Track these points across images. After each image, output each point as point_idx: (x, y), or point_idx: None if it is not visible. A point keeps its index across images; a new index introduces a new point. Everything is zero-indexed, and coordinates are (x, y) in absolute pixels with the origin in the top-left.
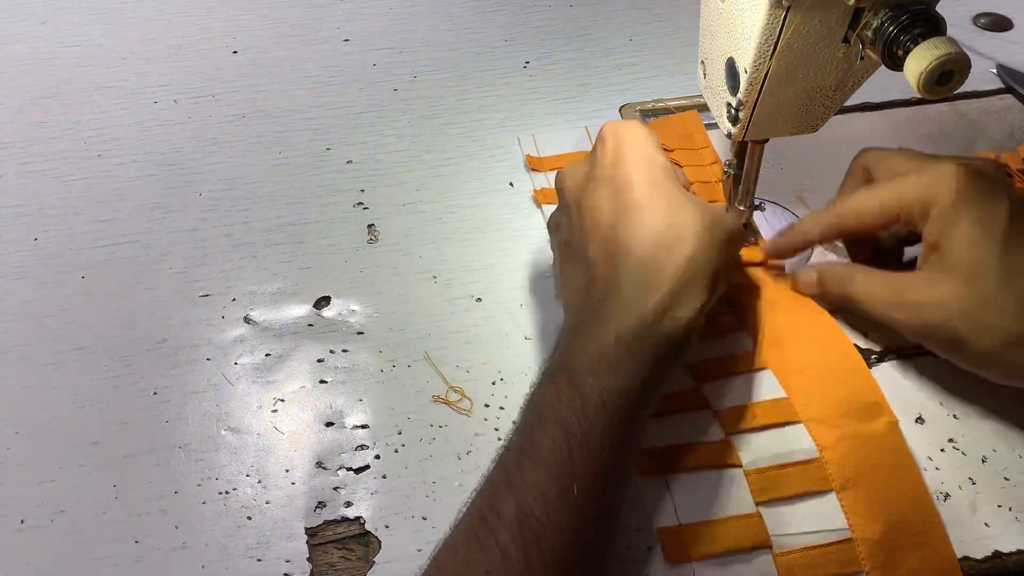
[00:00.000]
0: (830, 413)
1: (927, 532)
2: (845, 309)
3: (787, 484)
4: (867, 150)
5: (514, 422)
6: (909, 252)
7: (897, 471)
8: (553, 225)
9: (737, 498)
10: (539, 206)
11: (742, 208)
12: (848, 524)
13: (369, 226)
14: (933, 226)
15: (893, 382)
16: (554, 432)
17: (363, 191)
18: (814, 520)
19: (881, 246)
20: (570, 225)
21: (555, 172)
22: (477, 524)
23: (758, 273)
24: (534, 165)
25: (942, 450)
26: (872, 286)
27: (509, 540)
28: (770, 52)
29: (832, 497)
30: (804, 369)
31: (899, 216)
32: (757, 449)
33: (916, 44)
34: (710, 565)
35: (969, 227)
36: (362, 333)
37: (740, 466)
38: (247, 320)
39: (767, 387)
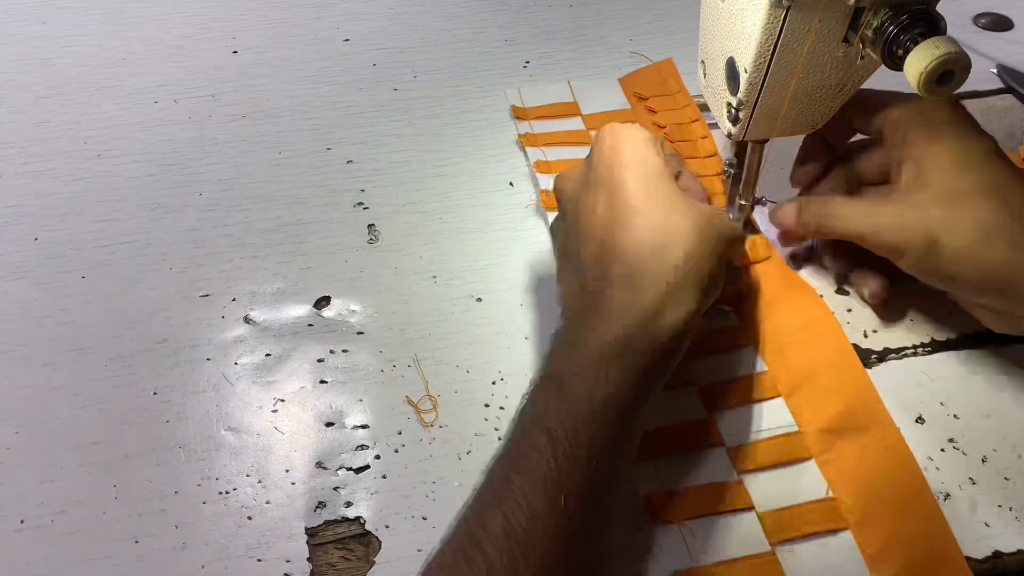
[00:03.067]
0: (778, 338)
1: (871, 416)
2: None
3: (736, 395)
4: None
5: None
6: None
7: (841, 367)
8: (553, 230)
9: (687, 407)
10: (523, 149)
11: (744, 203)
12: (795, 421)
13: (369, 226)
14: (912, 149)
15: (893, 382)
16: (541, 442)
17: (363, 191)
18: (764, 421)
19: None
20: (566, 229)
21: (538, 120)
22: (464, 539)
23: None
24: (518, 114)
25: (942, 450)
26: (853, 214)
27: (495, 553)
28: (770, 52)
29: (780, 401)
30: (763, 306)
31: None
32: (705, 367)
33: (916, 44)
34: (670, 462)
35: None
36: (362, 333)
37: (694, 383)
38: (247, 320)
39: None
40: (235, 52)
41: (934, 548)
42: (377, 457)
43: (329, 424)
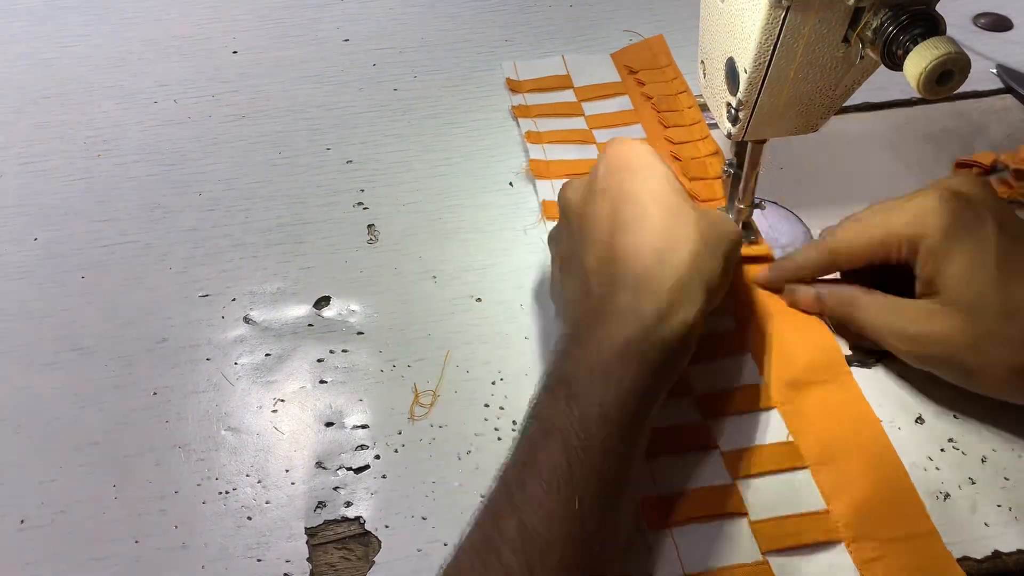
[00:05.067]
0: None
1: (833, 371)
2: None
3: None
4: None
5: (515, 432)
6: None
7: (809, 329)
8: (553, 238)
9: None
10: (516, 119)
11: (743, 206)
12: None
13: (369, 226)
14: (925, 262)
15: (893, 382)
16: (553, 446)
17: (363, 191)
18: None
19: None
20: (569, 237)
21: (532, 92)
22: (480, 543)
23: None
24: (513, 86)
25: (942, 450)
26: (875, 312)
27: (512, 557)
28: (770, 52)
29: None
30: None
31: (889, 253)
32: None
33: (916, 44)
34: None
35: (962, 262)
36: (362, 333)
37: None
38: (247, 320)
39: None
40: (235, 52)
41: (887, 481)
42: (377, 457)
43: (329, 424)
